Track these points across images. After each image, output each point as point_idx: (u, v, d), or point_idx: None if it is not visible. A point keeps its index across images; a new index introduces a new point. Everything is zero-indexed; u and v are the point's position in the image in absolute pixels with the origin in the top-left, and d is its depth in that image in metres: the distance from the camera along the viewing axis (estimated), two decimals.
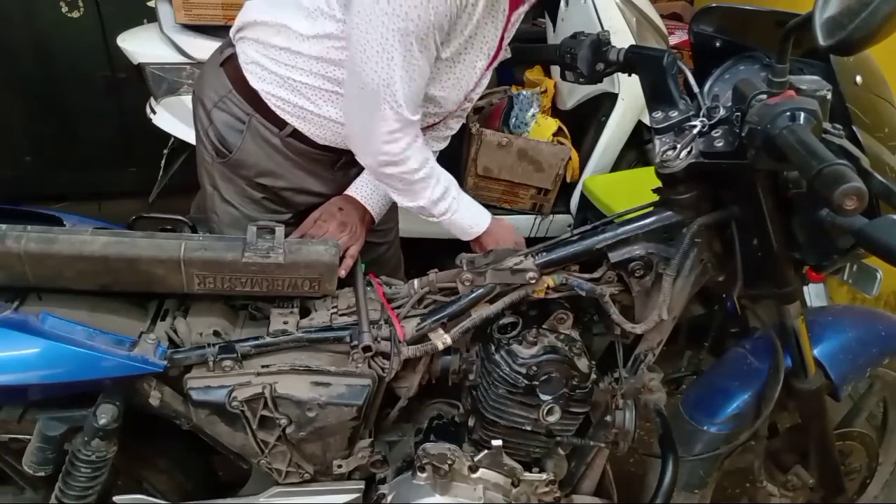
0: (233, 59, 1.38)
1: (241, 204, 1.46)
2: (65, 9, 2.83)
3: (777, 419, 1.50)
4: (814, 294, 2.17)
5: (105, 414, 1.09)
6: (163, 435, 1.29)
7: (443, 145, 1.56)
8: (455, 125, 1.55)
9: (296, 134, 1.38)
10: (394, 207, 1.64)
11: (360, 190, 1.48)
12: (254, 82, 1.34)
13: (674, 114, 1.16)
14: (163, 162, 2.40)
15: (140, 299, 1.21)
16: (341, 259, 1.26)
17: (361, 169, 1.46)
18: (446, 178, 1.36)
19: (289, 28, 1.26)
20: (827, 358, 1.40)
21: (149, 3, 2.47)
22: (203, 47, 2.18)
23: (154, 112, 2.33)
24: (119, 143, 3.13)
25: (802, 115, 0.94)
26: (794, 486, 1.53)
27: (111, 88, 2.99)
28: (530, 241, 1.28)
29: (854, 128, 1.09)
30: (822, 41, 0.90)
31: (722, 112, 1.10)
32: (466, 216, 1.42)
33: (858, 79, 1.13)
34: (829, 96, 1.01)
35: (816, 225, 1.07)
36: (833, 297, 2.40)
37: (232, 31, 1.41)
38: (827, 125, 1.01)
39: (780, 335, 1.33)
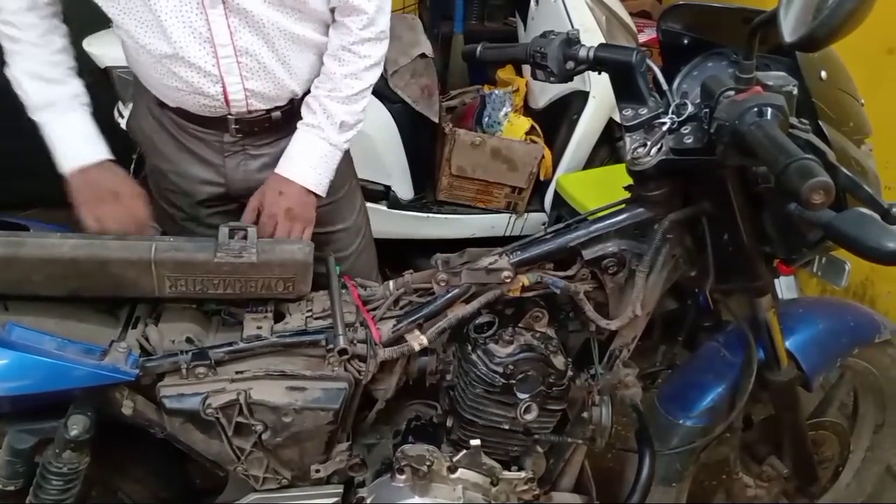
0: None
1: (158, 196, 1.45)
2: None
3: (751, 411, 1.52)
4: (785, 287, 2.20)
5: (76, 425, 1.07)
6: (137, 444, 1.26)
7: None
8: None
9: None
10: (362, 211, 1.62)
11: (290, 167, 1.34)
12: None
13: (643, 111, 1.17)
14: (132, 166, 2.36)
15: (110, 307, 1.19)
16: None
17: (266, 162, 1.40)
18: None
19: None
20: (799, 349, 1.43)
21: None
22: None
23: (122, 116, 2.29)
24: None
25: (769, 110, 0.95)
26: (769, 477, 1.55)
27: None
28: (505, 240, 1.28)
29: (820, 122, 1.10)
30: (786, 38, 0.91)
31: (691, 109, 1.11)
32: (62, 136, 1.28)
33: (823, 74, 1.14)
34: (796, 92, 1.02)
35: (785, 219, 1.08)
36: (803, 290, 2.44)
37: None
38: (793, 120, 1.02)
39: (753, 328, 1.35)
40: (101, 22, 1.21)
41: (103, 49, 2.23)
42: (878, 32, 1.40)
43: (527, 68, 2.78)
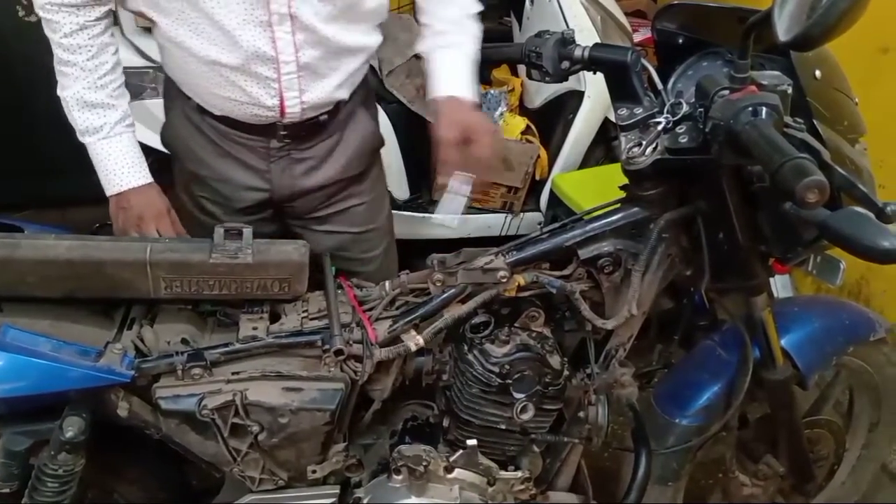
0: None
1: (192, 206, 1.45)
2: (22, 13, 2.76)
3: (747, 410, 1.53)
4: (780, 285, 2.21)
5: (72, 427, 1.06)
6: (133, 445, 1.26)
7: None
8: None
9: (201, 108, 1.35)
10: (389, 212, 1.62)
11: (456, 86, 1.36)
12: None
13: (638, 111, 1.18)
14: None
15: (105, 308, 1.19)
16: None
17: (324, 171, 1.41)
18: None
19: None
20: (794, 348, 1.43)
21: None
22: None
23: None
24: (82, 149, 3.06)
25: (764, 110, 0.95)
26: (766, 475, 1.55)
27: None
28: (501, 240, 1.28)
29: (815, 121, 1.11)
30: (781, 37, 0.91)
31: (686, 108, 1.12)
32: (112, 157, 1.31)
33: (818, 73, 1.15)
34: (790, 91, 1.03)
35: (781, 218, 1.09)
36: (799, 288, 2.44)
37: None
38: (788, 119, 1.03)
39: (748, 327, 1.35)
40: None
41: None
42: (872, 31, 1.41)
43: (522, 68, 2.77)
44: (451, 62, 1.38)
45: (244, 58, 1.21)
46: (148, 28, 2.17)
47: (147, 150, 2.27)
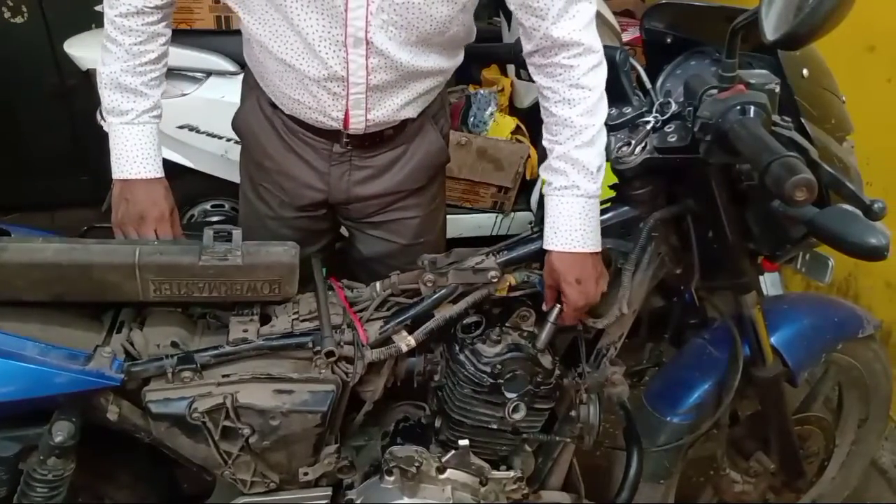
0: None
1: (251, 190, 1.45)
2: (7, 14, 2.74)
3: (737, 407, 1.54)
4: (769, 283, 2.22)
5: (61, 431, 1.05)
6: (123, 449, 1.25)
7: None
8: None
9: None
10: (444, 227, 1.59)
11: (561, 239, 1.19)
12: None
13: (627, 110, 1.18)
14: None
15: (94, 311, 1.18)
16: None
17: (369, 174, 1.38)
18: None
19: None
20: (784, 345, 1.44)
21: (96, 8, 2.42)
22: None
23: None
24: (70, 152, 3.05)
25: (752, 108, 0.96)
26: (756, 472, 1.56)
27: (60, 95, 2.91)
28: (492, 240, 1.28)
29: (802, 120, 1.11)
30: (768, 36, 0.92)
31: (674, 107, 1.12)
32: None
33: (805, 72, 1.16)
34: (778, 90, 1.03)
35: (769, 216, 1.10)
36: (788, 286, 2.45)
37: None
38: (776, 118, 1.03)
39: (738, 325, 1.36)
40: (83, 24, 1.21)
41: (85, 51, 2.21)
42: (859, 30, 1.42)
43: (511, 68, 2.78)
44: (562, 209, 1.20)
45: (317, 70, 1.20)
46: None
47: None
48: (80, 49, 2.23)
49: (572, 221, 1.18)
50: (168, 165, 1.35)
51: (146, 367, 1.11)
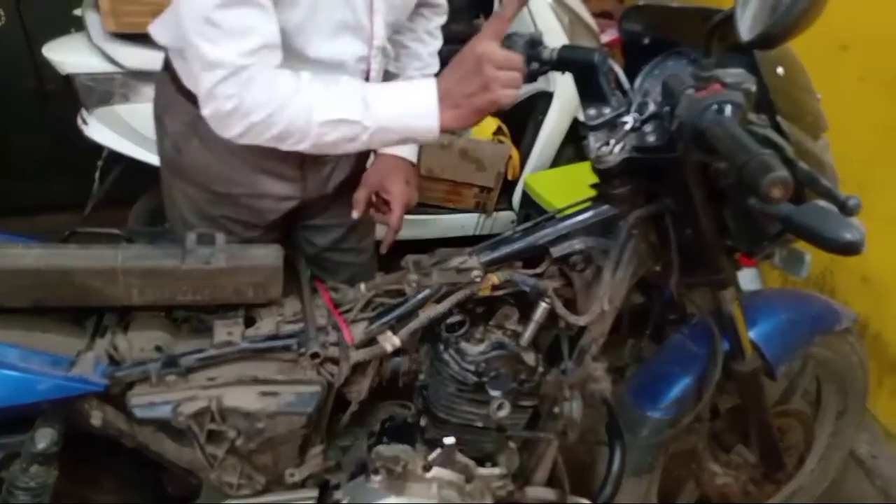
0: (168, 60, 1.32)
1: (201, 225, 1.35)
2: None
3: (717, 401, 1.55)
4: (748, 279, 2.25)
5: (43, 438, 1.05)
6: (107, 453, 1.24)
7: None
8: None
9: None
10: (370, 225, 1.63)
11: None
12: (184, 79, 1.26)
13: (606, 111, 1.19)
14: (97, 174, 2.32)
15: (77, 316, 1.17)
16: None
17: (342, 168, 1.41)
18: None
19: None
20: (762, 340, 1.46)
21: (75, 12, 2.39)
22: (134, 56, 2.12)
23: (86, 123, 2.25)
24: (51, 156, 3.01)
25: (729, 107, 0.97)
26: (737, 465, 1.58)
27: (40, 100, 2.86)
28: (475, 240, 1.29)
29: (778, 118, 1.13)
30: (744, 36, 0.94)
31: (652, 107, 1.13)
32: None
33: (780, 70, 1.17)
34: (754, 88, 1.05)
35: (746, 213, 1.11)
36: (766, 281, 2.49)
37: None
38: (752, 116, 1.05)
39: (717, 320, 1.37)
40: (63, 28, 1.19)
41: (65, 56, 2.19)
42: (832, 30, 1.44)
43: None
44: None
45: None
46: (118, 34, 2.17)
47: (116, 156, 2.27)
48: (60, 53, 2.21)
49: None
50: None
51: (130, 372, 1.11)
